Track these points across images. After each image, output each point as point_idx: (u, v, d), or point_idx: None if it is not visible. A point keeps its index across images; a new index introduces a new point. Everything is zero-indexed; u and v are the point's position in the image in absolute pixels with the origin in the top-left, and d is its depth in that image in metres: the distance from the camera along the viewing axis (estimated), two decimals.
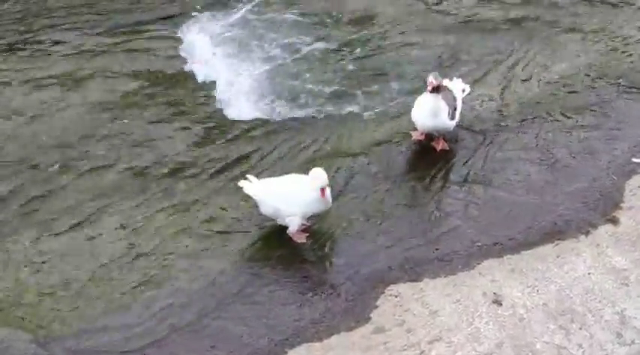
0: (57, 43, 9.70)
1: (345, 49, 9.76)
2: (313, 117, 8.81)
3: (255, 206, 7.44)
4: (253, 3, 10.41)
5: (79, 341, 6.68)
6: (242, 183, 7.40)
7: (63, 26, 9.96)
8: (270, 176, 7.69)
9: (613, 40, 9.95)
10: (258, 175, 7.49)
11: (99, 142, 8.45)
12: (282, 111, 8.87)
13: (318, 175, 7.11)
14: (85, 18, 10.10)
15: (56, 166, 8.14)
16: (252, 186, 7.35)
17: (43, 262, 7.26)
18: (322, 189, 7.13)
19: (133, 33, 9.93)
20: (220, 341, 6.69)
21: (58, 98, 8.96)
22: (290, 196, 7.24)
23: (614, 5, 10.56)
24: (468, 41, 9.88)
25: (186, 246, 7.43)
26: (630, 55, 9.75)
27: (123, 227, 7.58)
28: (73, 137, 8.49)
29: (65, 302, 6.95)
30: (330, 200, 7.35)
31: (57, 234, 7.50)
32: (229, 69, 9.40)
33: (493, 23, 10.22)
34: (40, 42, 9.73)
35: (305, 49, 9.71)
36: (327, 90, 9.12)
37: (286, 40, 9.83)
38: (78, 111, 8.80)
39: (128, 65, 9.43)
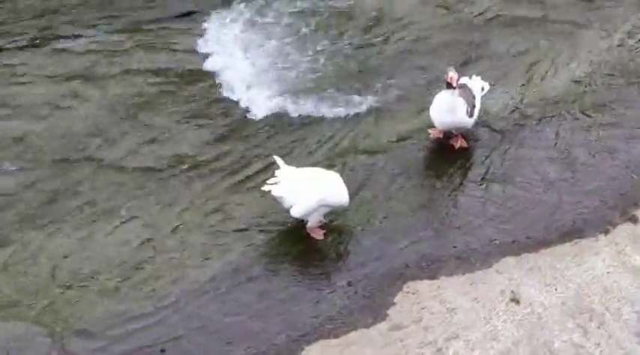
0: (76, 39, 9.72)
1: (363, 46, 9.73)
2: (330, 114, 8.79)
3: (275, 201, 7.43)
4: None
5: (96, 337, 6.71)
6: (267, 187, 7.38)
7: (82, 23, 9.97)
8: None
9: (634, 39, 9.88)
10: (274, 173, 7.48)
11: (116, 139, 8.47)
12: (300, 108, 8.85)
13: None
14: (103, 14, 10.11)
15: (74, 162, 8.18)
16: (280, 172, 7.36)
17: (60, 257, 7.29)
18: None
19: (152, 30, 9.93)
20: (237, 338, 6.70)
21: (77, 94, 8.98)
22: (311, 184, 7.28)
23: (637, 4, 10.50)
24: (488, 39, 9.83)
25: (203, 243, 7.44)
26: None
27: (139, 223, 7.60)
28: (91, 133, 8.51)
29: (82, 298, 6.97)
30: (347, 196, 7.35)
31: (74, 229, 7.52)
32: (247, 66, 9.39)
33: (513, 21, 10.14)
34: (58, 38, 9.75)
35: (322, 47, 9.68)
36: (345, 87, 9.10)
37: (304, 37, 9.82)
38: (96, 108, 8.82)
39: (146, 62, 9.44)
